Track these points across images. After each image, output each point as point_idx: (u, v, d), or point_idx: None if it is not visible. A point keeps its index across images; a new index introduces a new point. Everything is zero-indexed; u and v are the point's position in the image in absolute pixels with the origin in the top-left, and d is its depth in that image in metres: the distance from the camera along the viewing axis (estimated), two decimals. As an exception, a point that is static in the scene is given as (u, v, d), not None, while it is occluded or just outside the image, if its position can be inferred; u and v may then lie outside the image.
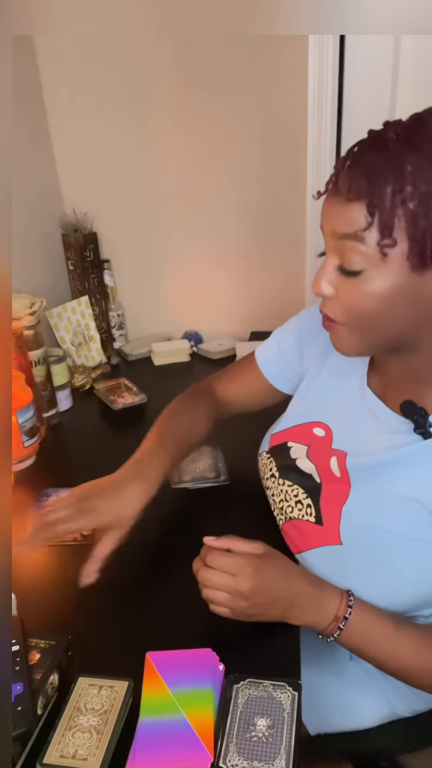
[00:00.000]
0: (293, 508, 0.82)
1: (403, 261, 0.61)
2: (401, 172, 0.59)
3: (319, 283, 0.68)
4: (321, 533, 0.77)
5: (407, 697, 0.86)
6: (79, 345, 1.56)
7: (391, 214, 0.59)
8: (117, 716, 0.61)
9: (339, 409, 0.83)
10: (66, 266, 1.67)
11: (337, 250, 0.65)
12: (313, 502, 0.79)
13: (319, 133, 1.47)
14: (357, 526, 0.74)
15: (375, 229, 0.60)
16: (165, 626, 0.76)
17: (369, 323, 0.66)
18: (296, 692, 0.64)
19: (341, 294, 0.66)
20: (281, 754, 0.58)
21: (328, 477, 0.79)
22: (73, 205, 1.64)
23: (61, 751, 0.58)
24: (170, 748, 0.59)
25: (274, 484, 0.86)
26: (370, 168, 0.60)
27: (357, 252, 0.62)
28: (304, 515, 0.79)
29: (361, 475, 0.76)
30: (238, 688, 0.64)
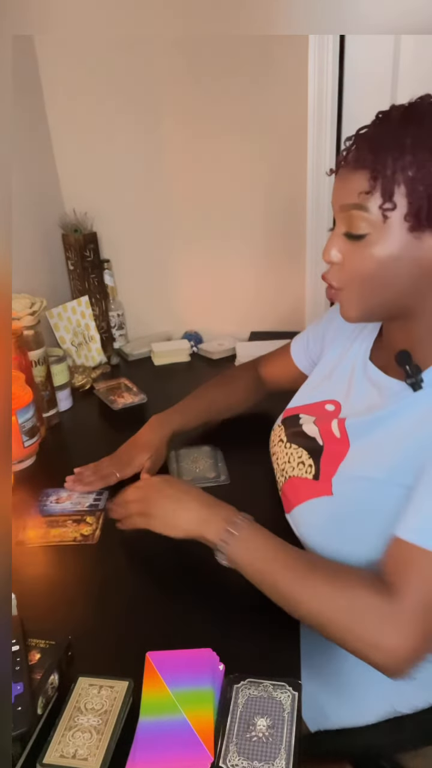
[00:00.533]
0: (294, 467, 0.86)
1: (402, 224, 0.68)
2: (402, 143, 0.66)
3: (329, 251, 0.75)
4: (315, 487, 0.81)
5: (407, 694, 0.86)
6: (79, 345, 1.56)
7: (391, 180, 0.67)
8: (117, 716, 0.61)
9: (346, 385, 0.88)
10: (66, 266, 1.67)
11: (345, 220, 0.72)
12: (315, 461, 0.83)
13: (319, 133, 1.47)
14: (350, 478, 0.78)
15: (377, 193, 0.68)
16: (165, 626, 0.76)
17: (371, 286, 0.73)
18: (296, 692, 0.64)
19: (346, 260, 0.74)
20: (281, 754, 0.58)
21: (329, 439, 0.83)
22: (73, 205, 1.64)
23: (61, 751, 0.58)
24: (170, 748, 0.59)
25: (281, 449, 0.91)
26: (374, 140, 0.69)
27: (361, 219, 0.70)
28: (304, 473, 0.84)
29: (358, 433, 0.80)
30: (238, 688, 0.64)
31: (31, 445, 1.12)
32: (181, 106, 1.51)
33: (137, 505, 0.86)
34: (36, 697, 0.62)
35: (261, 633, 0.74)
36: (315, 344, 1.06)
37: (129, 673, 0.67)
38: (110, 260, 1.68)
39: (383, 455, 0.75)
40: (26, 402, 1.09)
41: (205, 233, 1.65)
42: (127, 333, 1.75)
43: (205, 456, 1.10)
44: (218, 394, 1.17)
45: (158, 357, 1.61)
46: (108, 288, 1.69)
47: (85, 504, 1.01)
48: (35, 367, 1.23)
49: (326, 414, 0.88)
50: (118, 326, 1.71)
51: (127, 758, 0.59)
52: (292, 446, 0.89)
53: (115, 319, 1.71)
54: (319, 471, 0.82)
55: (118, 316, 1.71)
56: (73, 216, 1.61)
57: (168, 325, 1.78)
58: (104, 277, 1.67)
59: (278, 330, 1.68)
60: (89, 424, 1.33)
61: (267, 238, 1.62)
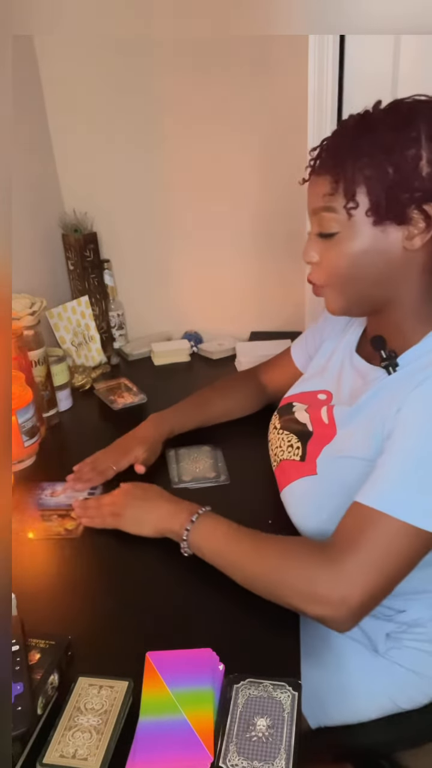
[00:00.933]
0: (284, 451, 0.91)
1: (366, 220, 0.75)
2: (358, 147, 0.74)
3: (307, 252, 0.83)
4: (301, 467, 0.86)
5: (407, 689, 0.87)
6: (79, 345, 1.56)
7: (351, 181, 0.74)
8: (117, 716, 0.61)
9: (337, 376, 0.94)
10: (66, 266, 1.67)
11: (317, 222, 0.80)
12: (302, 444, 0.88)
13: (319, 133, 1.46)
14: (333, 457, 0.83)
15: (341, 194, 0.75)
16: (165, 626, 0.76)
17: (348, 280, 0.80)
18: (296, 692, 0.64)
19: (323, 259, 0.81)
20: (281, 754, 0.58)
21: (319, 424, 0.88)
22: (73, 205, 1.64)
23: (61, 751, 0.58)
24: (170, 748, 0.59)
25: (274, 436, 0.96)
26: (334, 147, 0.77)
27: (330, 219, 0.77)
28: (292, 456, 0.89)
29: (344, 420, 0.85)
30: (238, 688, 0.64)
31: (31, 445, 1.12)
32: (181, 106, 1.51)
33: (109, 507, 0.92)
34: (36, 697, 0.62)
35: (261, 633, 0.74)
36: (313, 342, 1.09)
37: (129, 673, 0.67)
38: (110, 260, 1.68)
39: (364, 436, 0.79)
40: (26, 402, 1.09)
41: (205, 233, 1.65)
42: (127, 333, 1.75)
43: (205, 456, 1.10)
44: (217, 398, 1.20)
45: (158, 357, 1.61)
46: (108, 288, 1.69)
47: (79, 498, 1.02)
48: (35, 367, 1.23)
49: (318, 402, 0.93)
50: (118, 326, 1.71)
51: (127, 758, 0.59)
52: (284, 432, 0.93)
53: (115, 319, 1.71)
54: (305, 453, 0.87)
55: (118, 316, 1.71)
56: (73, 216, 1.61)
57: (168, 325, 1.78)
58: (104, 277, 1.67)
59: (278, 330, 1.68)
60: (89, 424, 1.33)
61: (267, 238, 1.62)
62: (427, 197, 0.72)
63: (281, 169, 1.54)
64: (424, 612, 0.87)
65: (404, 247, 0.75)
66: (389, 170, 0.72)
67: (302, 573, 0.71)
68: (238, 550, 0.78)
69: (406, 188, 0.72)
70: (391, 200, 0.73)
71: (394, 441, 0.73)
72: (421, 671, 0.87)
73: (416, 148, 0.71)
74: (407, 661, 0.87)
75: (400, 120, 0.73)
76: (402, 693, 0.87)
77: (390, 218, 0.74)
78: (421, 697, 0.87)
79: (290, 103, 1.44)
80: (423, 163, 0.71)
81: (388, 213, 0.73)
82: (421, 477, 0.69)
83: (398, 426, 0.73)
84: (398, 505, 0.68)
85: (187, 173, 1.59)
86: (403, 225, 0.74)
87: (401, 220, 0.74)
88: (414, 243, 0.75)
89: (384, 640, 0.88)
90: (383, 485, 0.70)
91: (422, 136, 0.71)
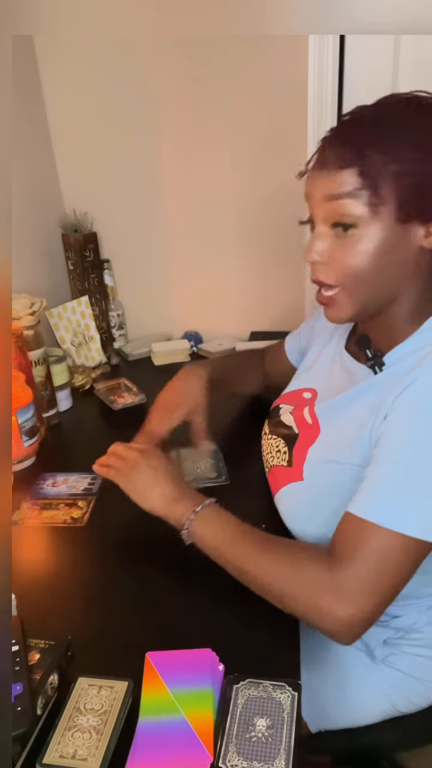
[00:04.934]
0: (274, 457, 0.90)
1: (390, 216, 0.70)
2: (384, 140, 0.69)
3: (314, 249, 0.76)
4: (288, 473, 0.85)
5: (406, 693, 0.87)
6: (79, 345, 1.56)
7: (378, 176, 0.69)
8: (117, 716, 0.61)
9: (323, 373, 0.93)
10: (66, 266, 1.67)
11: (330, 211, 0.73)
12: (288, 448, 0.87)
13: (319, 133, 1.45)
14: (318, 462, 0.82)
15: (365, 190, 0.70)
16: (165, 626, 0.76)
17: (362, 281, 0.74)
18: (296, 692, 0.64)
19: (336, 257, 0.74)
20: (281, 755, 0.58)
21: (303, 425, 0.87)
22: (73, 205, 1.64)
23: (60, 752, 0.58)
24: (170, 748, 0.59)
25: (265, 441, 0.96)
26: (357, 141, 0.70)
27: (350, 206, 0.71)
28: (280, 461, 0.88)
29: (326, 417, 0.84)
30: (238, 688, 0.64)
31: (31, 445, 1.12)
32: (181, 105, 1.51)
33: (122, 462, 0.89)
34: (36, 698, 0.62)
35: (261, 633, 0.74)
36: (305, 338, 1.10)
37: (129, 673, 0.67)
38: (110, 260, 1.68)
39: (347, 438, 0.78)
40: (26, 402, 1.09)
41: (205, 233, 1.65)
42: (127, 333, 1.75)
43: (205, 456, 1.10)
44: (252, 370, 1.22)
45: (158, 357, 1.61)
46: (108, 288, 1.69)
47: (80, 488, 1.04)
48: (35, 367, 1.23)
49: (302, 401, 0.92)
50: (118, 326, 1.71)
51: (126, 758, 0.59)
52: (272, 437, 0.93)
53: (115, 319, 1.71)
54: (291, 458, 0.86)
55: (118, 316, 1.71)
56: (73, 216, 1.61)
57: (168, 325, 1.78)
58: (104, 277, 1.67)
59: (278, 330, 1.68)
60: (89, 424, 1.33)
61: (267, 237, 1.62)
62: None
63: (282, 169, 1.53)
64: (418, 617, 0.87)
65: (420, 246, 0.73)
66: (419, 166, 0.69)
67: (305, 586, 0.69)
68: (242, 551, 0.76)
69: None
70: (420, 197, 0.70)
71: (382, 449, 0.71)
72: (420, 676, 0.86)
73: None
74: (406, 666, 0.86)
75: (426, 115, 0.71)
76: (401, 697, 0.86)
77: (416, 216, 0.71)
78: (420, 701, 0.87)
79: (290, 103, 1.44)
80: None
81: (415, 210, 0.70)
82: (411, 485, 0.67)
83: (385, 433, 0.71)
84: (391, 515, 0.66)
85: (187, 173, 1.58)
86: (427, 222, 0.71)
87: (426, 218, 0.71)
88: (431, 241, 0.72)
89: (381, 647, 0.88)
90: (374, 496, 0.69)
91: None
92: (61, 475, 1.08)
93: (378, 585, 0.66)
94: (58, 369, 1.32)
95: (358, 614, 0.66)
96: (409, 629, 0.87)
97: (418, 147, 0.69)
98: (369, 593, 0.66)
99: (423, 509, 0.67)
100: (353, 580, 0.66)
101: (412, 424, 0.69)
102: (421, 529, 0.66)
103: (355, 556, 0.67)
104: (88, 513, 0.98)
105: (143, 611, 0.79)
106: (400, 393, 0.71)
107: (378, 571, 0.66)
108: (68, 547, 0.92)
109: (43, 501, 1.02)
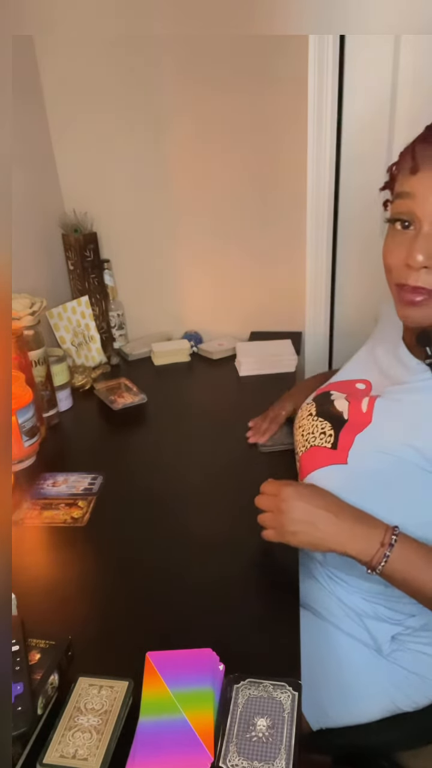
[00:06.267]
0: (317, 438, 0.87)
1: None
2: None
3: (417, 253, 0.72)
4: (331, 455, 0.83)
5: (408, 691, 0.87)
6: (79, 345, 1.56)
7: None
8: (117, 716, 0.61)
9: (378, 365, 0.92)
10: (66, 266, 1.67)
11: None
12: (335, 432, 0.85)
13: (319, 134, 1.46)
14: (366, 449, 0.80)
15: None
16: (165, 626, 0.76)
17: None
18: (296, 692, 0.64)
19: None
20: (281, 754, 0.58)
21: (355, 413, 0.86)
22: (73, 205, 1.64)
23: (61, 751, 0.58)
24: (170, 748, 0.59)
25: (309, 422, 0.91)
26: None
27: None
28: (324, 443, 0.85)
29: (382, 411, 0.82)
30: (238, 688, 0.64)
31: (31, 445, 1.12)
32: (180, 105, 1.51)
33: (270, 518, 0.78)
34: (36, 697, 0.62)
35: (261, 633, 0.74)
36: None
37: (129, 673, 0.67)
38: (110, 260, 1.68)
39: (401, 433, 0.77)
40: (26, 402, 1.09)
41: (205, 233, 1.65)
42: (127, 333, 1.75)
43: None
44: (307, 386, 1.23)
45: (158, 357, 1.61)
46: (108, 288, 1.69)
47: (80, 488, 1.04)
48: (35, 367, 1.23)
49: (357, 392, 0.91)
50: (118, 326, 1.71)
51: (127, 758, 0.59)
52: (319, 419, 0.90)
53: (115, 319, 1.71)
54: (337, 441, 0.84)
55: (118, 316, 1.71)
56: (73, 216, 1.61)
57: (168, 325, 1.78)
58: (104, 277, 1.67)
59: (278, 330, 1.68)
60: (89, 424, 1.33)
61: (267, 237, 1.62)
62: None
63: (281, 169, 1.54)
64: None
65: None
66: None
67: None
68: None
69: None
70: None
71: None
72: (423, 673, 0.87)
73: None
74: (409, 663, 0.87)
75: None
76: (403, 694, 0.87)
77: None
78: (422, 699, 0.87)
79: (290, 103, 1.45)
80: None
81: None
82: None
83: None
84: None
85: (187, 173, 1.59)
86: None
87: None
88: None
89: (389, 643, 0.88)
90: None
91: None
92: (61, 475, 1.09)
93: None
94: (58, 369, 1.32)
95: None
96: (420, 628, 0.87)
97: None
98: None
99: None
100: None
101: None
102: None
103: None
104: (88, 513, 0.98)
105: (143, 611, 0.79)
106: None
107: None
108: (68, 547, 0.92)
109: (43, 501, 1.02)
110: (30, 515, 0.98)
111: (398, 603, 0.84)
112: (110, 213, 1.65)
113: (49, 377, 1.29)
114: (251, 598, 0.75)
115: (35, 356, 1.23)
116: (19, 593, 0.79)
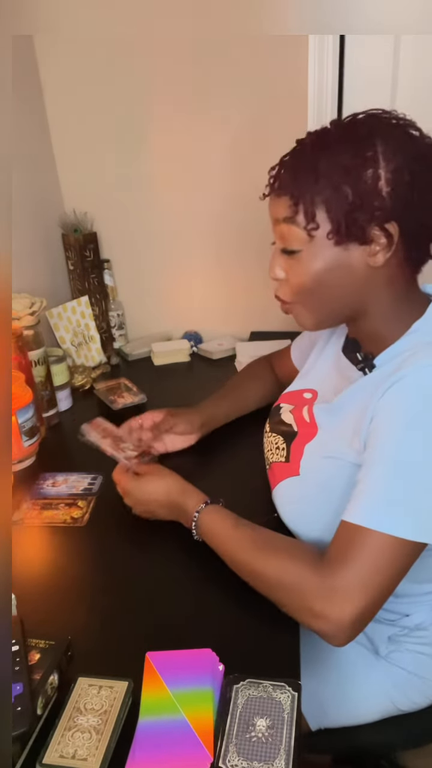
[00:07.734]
0: (273, 453, 0.91)
1: (327, 239, 0.75)
2: (315, 169, 0.73)
3: (273, 269, 0.82)
4: (286, 469, 0.87)
5: (408, 691, 0.87)
6: (79, 345, 1.56)
7: (311, 203, 0.73)
8: (117, 716, 0.61)
9: (322, 375, 0.95)
10: (66, 266, 1.67)
11: (280, 235, 0.79)
12: (287, 445, 0.89)
13: (319, 133, 1.46)
14: (315, 458, 0.83)
15: (301, 216, 0.75)
16: (165, 626, 0.76)
17: (314, 297, 0.79)
18: (296, 692, 0.64)
19: (290, 275, 0.80)
20: (281, 755, 0.58)
21: (302, 424, 0.89)
22: (73, 205, 1.64)
23: (60, 752, 0.58)
24: (170, 749, 0.59)
25: (266, 439, 0.97)
26: (293, 168, 0.76)
27: (292, 237, 0.77)
28: (279, 458, 0.89)
29: (323, 416, 0.86)
30: (237, 688, 0.64)
31: (31, 445, 1.12)
32: (181, 106, 1.51)
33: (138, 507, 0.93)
34: (36, 697, 0.62)
35: (261, 633, 0.74)
36: (307, 341, 1.11)
37: (129, 673, 0.67)
38: (110, 260, 1.68)
39: (344, 437, 0.79)
40: (26, 402, 1.09)
41: (205, 233, 1.65)
42: (127, 333, 1.75)
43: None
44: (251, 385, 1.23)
45: (158, 357, 1.61)
46: (108, 288, 1.69)
47: (80, 488, 1.04)
48: (35, 367, 1.23)
49: (303, 401, 0.94)
50: (118, 326, 1.71)
51: (126, 758, 0.59)
52: (273, 434, 0.94)
53: (115, 319, 1.71)
54: (289, 454, 0.87)
55: (118, 316, 1.71)
56: (73, 216, 1.61)
57: (168, 325, 1.78)
58: (104, 277, 1.67)
59: (278, 330, 1.68)
60: (89, 424, 1.33)
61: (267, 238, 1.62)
62: (387, 216, 0.72)
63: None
64: (427, 616, 0.87)
65: (368, 264, 0.75)
66: (348, 192, 0.71)
67: (298, 588, 0.70)
68: (242, 552, 0.77)
69: (365, 209, 0.71)
70: (350, 222, 0.72)
71: (369, 453, 0.72)
72: (422, 674, 0.87)
73: (374, 168, 0.70)
74: (408, 663, 0.87)
75: (356, 140, 0.72)
76: (402, 695, 0.87)
77: (351, 239, 0.73)
78: (421, 700, 0.88)
79: (290, 103, 1.44)
80: (381, 182, 0.71)
81: (348, 234, 0.73)
82: (399, 487, 0.68)
83: (371, 436, 0.72)
84: (381, 519, 0.67)
85: (187, 173, 1.58)
86: (365, 244, 0.74)
87: (363, 240, 0.73)
88: (377, 260, 0.74)
89: (386, 643, 0.88)
90: (365, 501, 0.69)
91: (379, 155, 0.70)
92: (61, 475, 1.09)
93: (370, 586, 0.67)
94: (58, 369, 1.32)
95: (351, 615, 0.66)
96: (416, 627, 0.88)
97: (348, 173, 0.71)
98: (360, 593, 0.66)
99: (413, 510, 0.67)
100: (345, 582, 0.67)
101: (393, 427, 0.70)
102: (412, 530, 0.67)
103: (348, 558, 0.68)
104: (88, 513, 0.98)
105: (143, 611, 0.79)
106: (381, 396, 0.72)
107: (370, 572, 0.67)
108: (68, 547, 0.92)
109: (43, 501, 1.02)
110: (30, 515, 0.98)
111: (392, 602, 0.85)
112: (110, 213, 1.65)
113: (49, 377, 1.29)
114: (251, 598, 0.75)
115: (35, 356, 1.23)
116: (19, 593, 0.79)
